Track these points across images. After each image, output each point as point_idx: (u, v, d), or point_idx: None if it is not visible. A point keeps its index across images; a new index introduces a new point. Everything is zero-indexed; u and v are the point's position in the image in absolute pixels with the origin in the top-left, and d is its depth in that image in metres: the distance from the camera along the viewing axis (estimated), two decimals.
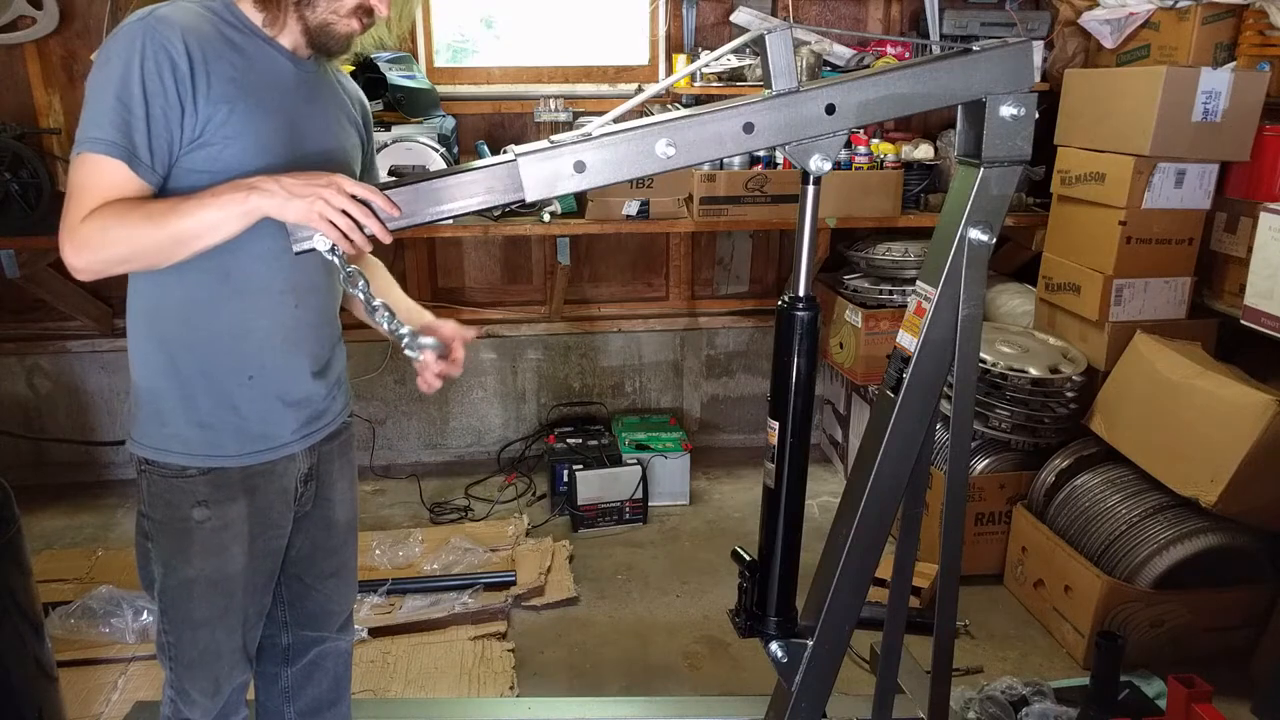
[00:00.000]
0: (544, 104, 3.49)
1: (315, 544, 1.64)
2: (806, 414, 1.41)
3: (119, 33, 1.26)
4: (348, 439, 1.67)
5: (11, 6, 3.12)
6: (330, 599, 1.70)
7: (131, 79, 1.24)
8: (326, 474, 1.61)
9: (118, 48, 1.25)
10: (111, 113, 1.24)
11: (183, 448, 1.43)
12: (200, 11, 1.32)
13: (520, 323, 3.80)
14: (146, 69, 1.24)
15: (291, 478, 1.53)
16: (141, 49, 1.24)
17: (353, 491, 1.71)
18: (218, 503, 1.45)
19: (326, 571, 1.67)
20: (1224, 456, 2.34)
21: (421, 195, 1.26)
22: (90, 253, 1.25)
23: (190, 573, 1.46)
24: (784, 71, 1.25)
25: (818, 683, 1.50)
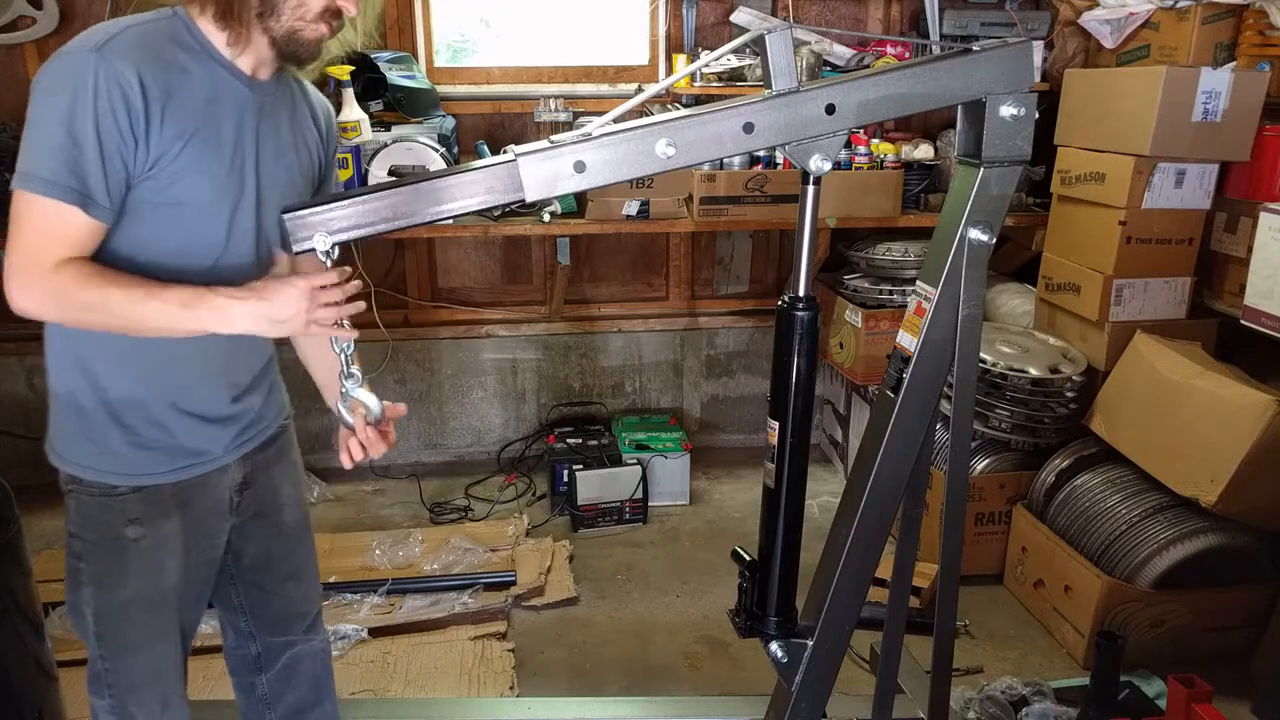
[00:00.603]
0: (544, 104, 3.48)
1: (268, 550, 1.63)
2: (806, 414, 1.41)
3: (70, 60, 1.20)
4: (286, 441, 1.64)
5: (11, 6, 3.12)
6: (293, 601, 1.69)
7: (84, 115, 1.19)
8: (265, 480, 1.59)
9: (68, 78, 1.19)
10: (62, 150, 1.19)
11: (112, 466, 1.39)
12: (157, 36, 1.27)
13: (520, 323, 3.80)
14: (100, 106, 1.19)
15: (225, 488, 1.51)
16: (95, 84, 1.19)
17: (298, 492, 1.68)
18: (151, 520, 1.41)
19: (284, 575, 1.66)
20: (1224, 456, 2.34)
21: (421, 195, 1.26)
22: (51, 304, 1.23)
23: (126, 594, 1.42)
24: (784, 71, 1.25)
25: (818, 683, 1.50)
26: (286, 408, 1.65)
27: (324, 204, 1.26)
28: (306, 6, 1.30)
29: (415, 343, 3.73)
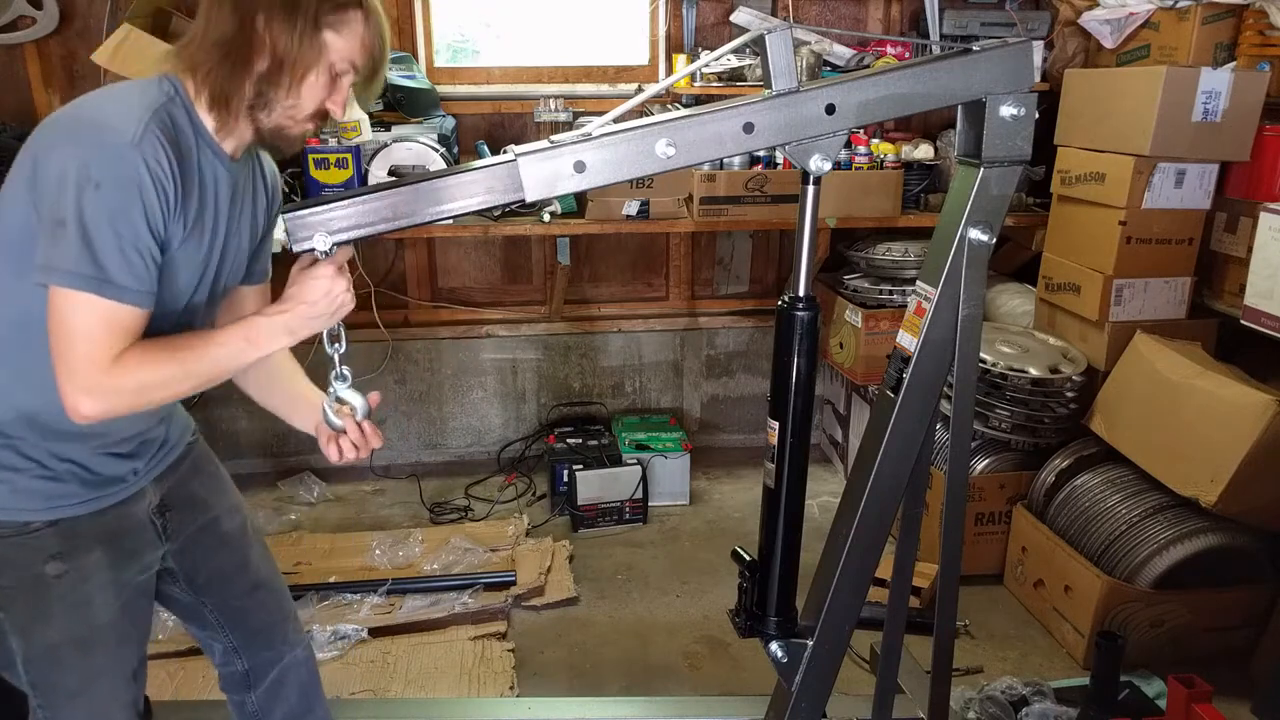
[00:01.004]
0: (544, 104, 3.48)
1: (220, 564, 1.62)
2: (806, 414, 1.41)
3: (113, 155, 1.18)
4: (198, 456, 1.62)
5: (11, 6, 3.12)
6: (266, 609, 1.68)
7: (137, 214, 1.20)
8: (185, 498, 1.57)
9: (116, 174, 1.18)
10: (121, 255, 1.19)
11: (25, 502, 1.35)
12: (176, 118, 1.28)
13: (520, 323, 3.80)
14: (149, 202, 1.21)
15: (144, 513, 1.49)
16: (142, 182, 1.20)
17: (230, 499, 1.66)
18: (71, 554, 1.37)
19: (247, 586, 1.65)
20: (1224, 456, 2.34)
21: (421, 195, 1.26)
22: (120, 400, 1.22)
23: (54, 636, 1.37)
24: (784, 71, 1.25)
25: (818, 683, 1.50)
26: (191, 426, 1.64)
27: (324, 204, 1.26)
28: (299, 107, 1.31)
29: (415, 343, 3.73)
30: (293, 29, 1.25)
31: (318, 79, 1.29)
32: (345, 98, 1.35)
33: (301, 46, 1.26)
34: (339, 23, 1.28)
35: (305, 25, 1.25)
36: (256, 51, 1.26)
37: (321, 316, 1.29)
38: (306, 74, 1.28)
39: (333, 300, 1.29)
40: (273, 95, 1.29)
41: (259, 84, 1.28)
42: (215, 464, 1.68)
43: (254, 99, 1.29)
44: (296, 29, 1.25)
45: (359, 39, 1.30)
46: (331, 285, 1.28)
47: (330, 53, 1.29)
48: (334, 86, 1.32)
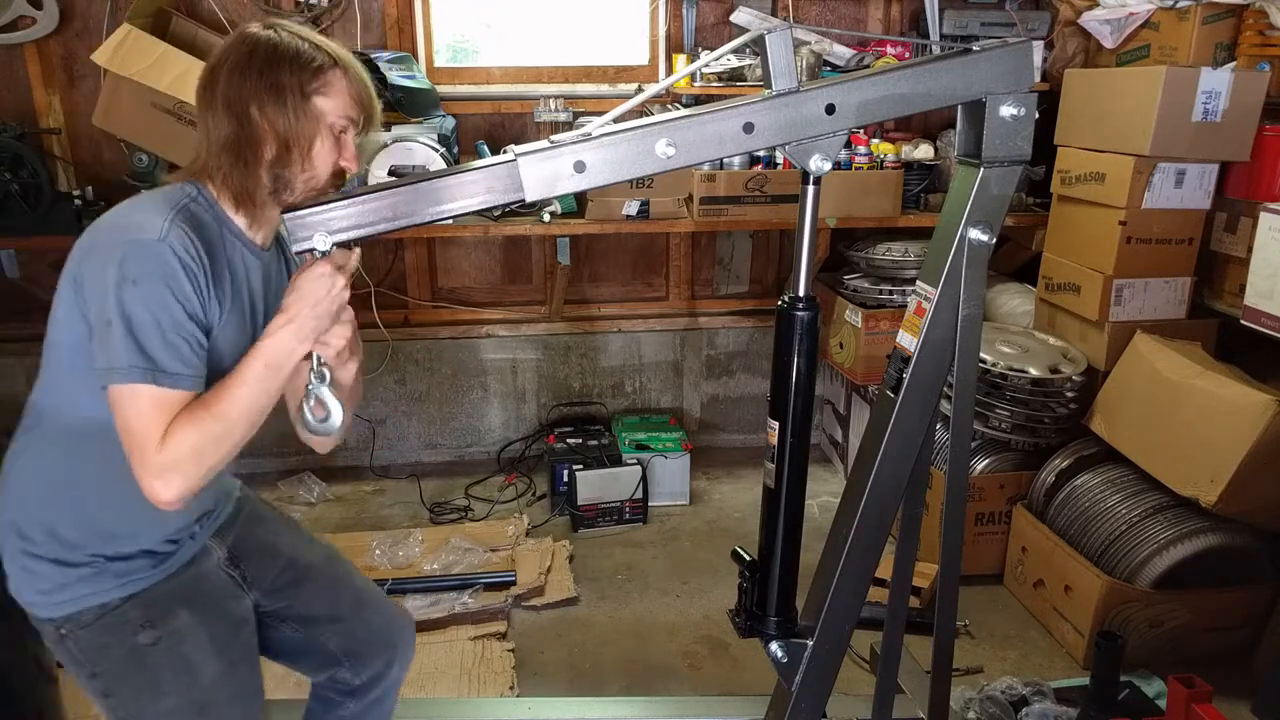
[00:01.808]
0: (544, 104, 3.49)
1: (318, 596, 1.64)
2: (806, 414, 1.41)
3: (145, 251, 1.23)
4: (250, 511, 1.66)
5: (11, 6, 3.12)
6: (378, 625, 1.70)
7: (173, 303, 1.24)
8: (255, 546, 1.60)
9: (150, 268, 1.23)
10: (166, 343, 1.24)
11: (100, 585, 1.38)
12: (199, 215, 1.32)
13: (520, 323, 3.80)
14: (184, 291, 1.25)
15: (215, 568, 1.52)
16: (175, 271, 1.24)
17: (299, 534, 1.69)
18: (159, 620, 1.40)
19: (353, 607, 1.67)
20: (1224, 456, 2.34)
21: (421, 195, 1.26)
22: (183, 475, 1.23)
23: (168, 703, 1.39)
24: (784, 71, 1.25)
25: (818, 683, 1.50)
26: (235, 488, 1.66)
27: (324, 204, 1.27)
28: (315, 176, 1.35)
29: (415, 343, 3.73)
30: (285, 108, 1.30)
31: (323, 145, 1.35)
32: (354, 152, 1.39)
33: (299, 121, 1.31)
34: (323, 86, 1.33)
35: (295, 100, 1.31)
36: (261, 141, 1.31)
37: (325, 315, 1.31)
38: (312, 144, 1.33)
39: (335, 298, 1.31)
40: (289, 175, 1.34)
41: (273, 169, 1.33)
42: (274, 511, 1.72)
43: (273, 185, 1.34)
44: (289, 107, 1.30)
45: (346, 95, 1.35)
46: (332, 283, 1.30)
47: (326, 116, 1.34)
48: (340, 145, 1.37)
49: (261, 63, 1.31)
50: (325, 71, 1.33)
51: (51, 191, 2.97)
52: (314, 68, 1.32)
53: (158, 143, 2.97)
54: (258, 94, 1.30)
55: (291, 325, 1.29)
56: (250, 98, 1.30)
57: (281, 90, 1.30)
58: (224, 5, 3.29)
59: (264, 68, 1.30)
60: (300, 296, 1.30)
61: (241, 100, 1.30)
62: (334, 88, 1.34)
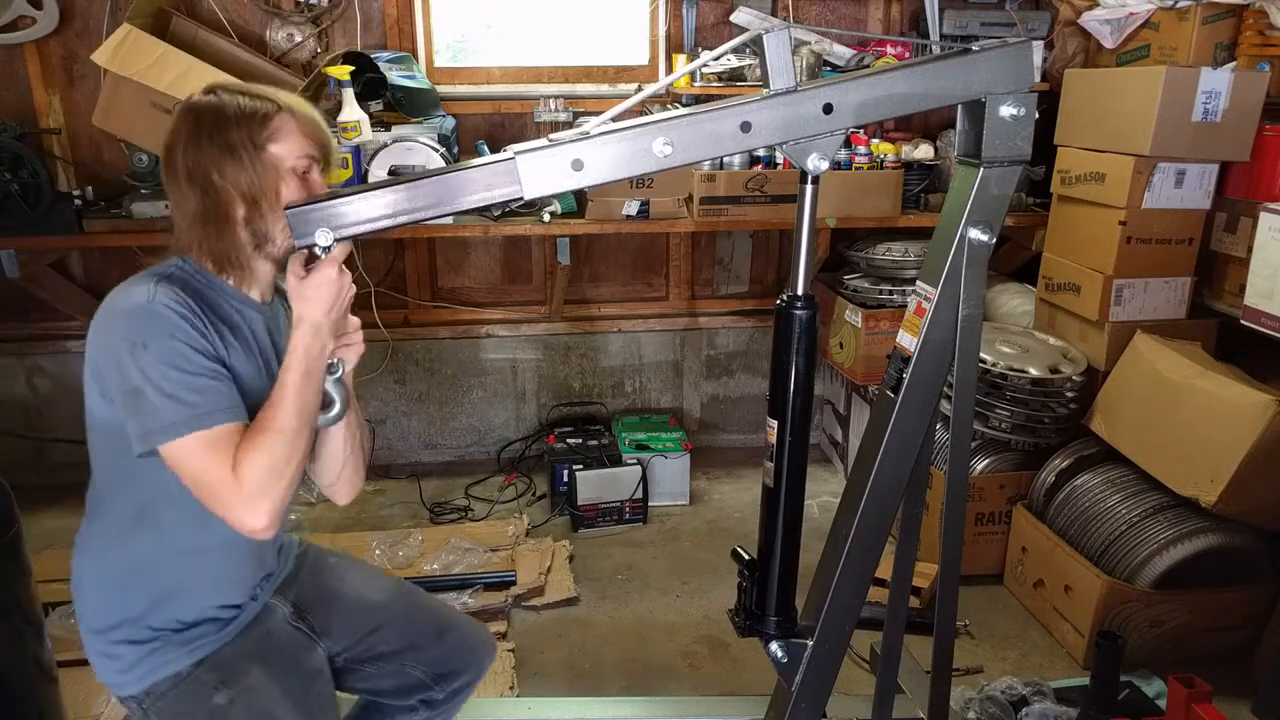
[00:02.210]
0: (544, 104, 3.49)
1: (393, 634, 1.65)
2: (805, 413, 1.41)
3: (141, 314, 1.27)
4: (312, 561, 1.68)
5: (11, 6, 3.12)
6: (459, 646, 1.71)
7: (186, 350, 1.27)
8: (317, 597, 1.62)
9: (153, 327, 1.27)
10: (195, 388, 1.26)
11: (165, 659, 1.42)
12: (187, 281, 1.35)
13: (520, 323, 3.79)
14: (190, 336, 1.28)
15: (282, 624, 1.55)
16: (176, 323, 1.27)
17: (364, 574, 1.71)
18: (233, 679, 1.43)
19: (432, 634, 1.69)
20: (1224, 456, 2.34)
21: (421, 192, 1.27)
22: (264, 496, 1.25)
23: None
24: (782, 71, 1.25)
25: (818, 683, 1.50)
26: (294, 545, 1.68)
27: (326, 200, 1.27)
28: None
29: (415, 343, 3.73)
30: (243, 165, 1.33)
31: (289, 189, 1.36)
32: (323, 184, 1.41)
33: (259, 174, 1.34)
34: (274, 133, 1.36)
35: (250, 154, 1.33)
36: (230, 203, 1.34)
37: (335, 311, 1.34)
38: (278, 192, 1.35)
39: (342, 294, 1.33)
40: (265, 227, 1.36)
41: (248, 226, 1.36)
42: (338, 557, 1.74)
43: (253, 240, 1.37)
44: (245, 163, 1.33)
45: (298, 135, 1.37)
46: (338, 281, 1.32)
47: (284, 161, 1.36)
48: (307, 185, 1.38)
49: (209, 128, 1.33)
50: (272, 118, 1.35)
51: (51, 191, 2.97)
52: (260, 117, 1.34)
53: (157, 143, 2.93)
54: (213, 158, 1.32)
55: (315, 332, 1.31)
56: (208, 164, 1.33)
57: (234, 148, 1.32)
58: (224, 5, 3.29)
59: (212, 132, 1.33)
60: (315, 301, 1.31)
61: (200, 169, 1.33)
62: (285, 132, 1.36)
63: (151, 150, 3.01)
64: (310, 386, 1.31)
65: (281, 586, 1.59)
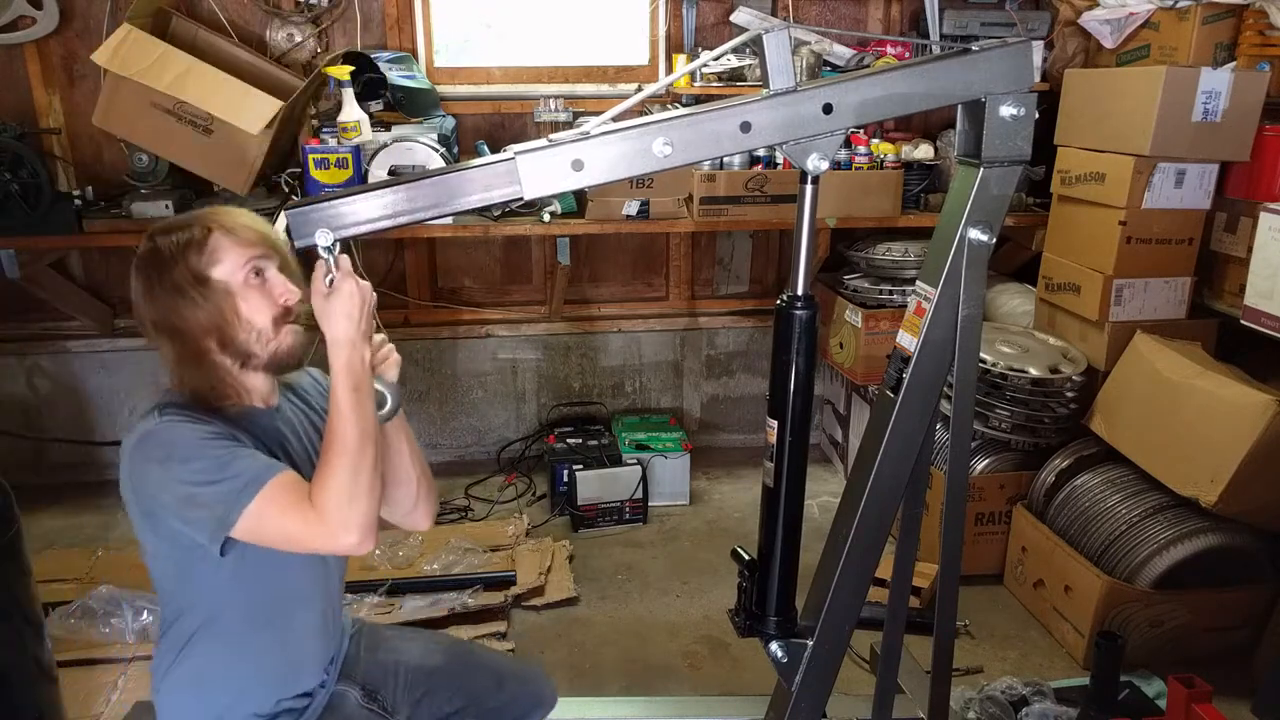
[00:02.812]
0: (544, 104, 3.48)
1: (455, 693, 1.66)
2: (805, 413, 1.41)
3: (154, 432, 1.31)
4: (367, 636, 1.70)
5: (11, 6, 3.12)
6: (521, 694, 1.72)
7: (213, 440, 1.30)
8: (380, 673, 1.64)
9: (173, 438, 1.30)
10: (239, 458, 1.29)
11: None
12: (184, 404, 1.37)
13: (520, 323, 3.79)
14: (210, 430, 1.31)
15: (355, 706, 1.57)
16: (189, 426, 1.31)
17: (418, 643, 1.73)
18: None
19: (492, 686, 1.70)
20: (1224, 456, 2.34)
21: (422, 192, 1.27)
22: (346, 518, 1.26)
23: None
24: (782, 71, 1.25)
25: (818, 683, 1.50)
26: (349, 624, 1.69)
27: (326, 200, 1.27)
28: (262, 329, 1.37)
29: (415, 343, 3.72)
30: (194, 301, 1.33)
31: (249, 299, 1.36)
32: (284, 284, 1.39)
33: (213, 303, 1.33)
34: (210, 254, 1.34)
35: (194, 287, 1.33)
36: (199, 339, 1.34)
37: (364, 321, 1.32)
38: (237, 308, 1.35)
39: (365, 303, 1.32)
40: (240, 345, 1.36)
41: (225, 351, 1.36)
42: (387, 629, 1.77)
43: (235, 362, 1.38)
44: (195, 298, 1.33)
45: (236, 249, 1.36)
46: (355, 290, 1.30)
47: (232, 277, 1.35)
48: (264, 288, 1.37)
49: (153, 277, 1.34)
50: (204, 243, 1.34)
51: (51, 191, 2.97)
52: (193, 246, 1.34)
53: (158, 143, 2.97)
54: (169, 305, 1.33)
55: (350, 347, 1.30)
56: (166, 312, 1.34)
57: (182, 289, 1.32)
58: (224, 5, 3.29)
59: (157, 279, 1.34)
60: (341, 316, 1.30)
61: (162, 318, 1.34)
62: (221, 251, 1.35)
63: (151, 150, 3.01)
64: (362, 401, 1.30)
65: (346, 669, 1.61)
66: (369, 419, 1.31)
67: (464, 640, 1.81)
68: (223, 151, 2.94)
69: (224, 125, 2.87)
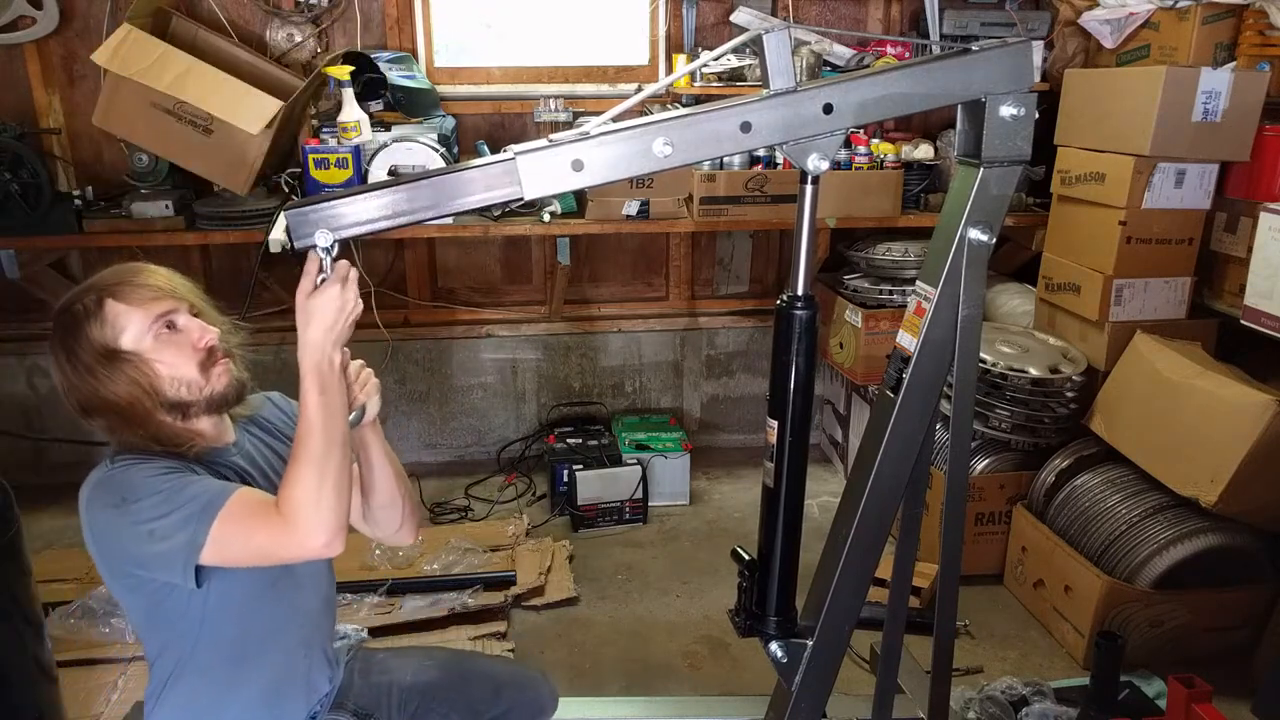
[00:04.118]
0: (544, 104, 3.48)
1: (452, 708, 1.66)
2: (806, 413, 1.41)
3: (103, 486, 1.30)
4: (362, 661, 1.70)
5: (11, 6, 3.12)
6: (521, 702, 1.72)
7: (164, 476, 1.28)
8: (373, 695, 1.64)
9: (125, 481, 1.29)
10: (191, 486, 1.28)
11: None
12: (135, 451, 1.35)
13: (520, 323, 3.79)
14: (160, 465, 1.30)
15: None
16: (140, 468, 1.29)
17: (410, 658, 1.73)
18: None
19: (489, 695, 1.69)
20: (1224, 456, 2.34)
21: (421, 193, 1.26)
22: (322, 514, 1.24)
23: None
24: (782, 71, 1.25)
25: (818, 683, 1.50)
26: (342, 655, 1.69)
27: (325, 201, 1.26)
28: (188, 379, 1.34)
29: (415, 343, 3.73)
30: (109, 371, 1.31)
31: (166, 356, 1.33)
32: (198, 325, 1.37)
33: (127, 368, 1.31)
34: (112, 324, 1.32)
35: (106, 361, 1.30)
36: (125, 409, 1.31)
37: (338, 328, 1.29)
38: (156, 362, 1.32)
39: (345, 311, 1.29)
40: (170, 400, 1.33)
41: (159, 412, 1.33)
42: (380, 652, 1.77)
43: (174, 414, 1.34)
44: (108, 369, 1.31)
45: (136, 311, 1.33)
46: (342, 299, 1.27)
47: (142, 340, 1.32)
48: (178, 336, 1.35)
49: (66, 358, 1.32)
50: (101, 310, 1.32)
51: (51, 191, 2.97)
52: (89, 320, 1.31)
53: (157, 143, 2.97)
54: (86, 386, 1.31)
55: (317, 349, 1.27)
56: (88, 394, 1.31)
57: (92, 368, 1.30)
58: (224, 5, 3.29)
59: (70, 360, 1.32)
60: (316, 316, 1.27)
61: (86, 400, 1.32)
62: (120, 317, 1.32)
63: (151, 150, 3.01)
64: (328, 404, 1.27)
65: (339, 699, 1.60)
66: (336, 422, 1.28)
67: (461, 651, 1.81)
68: (223, 151, 2.94)
69: (224, 125, 2.87)
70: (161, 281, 1.37)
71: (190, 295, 1.40)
